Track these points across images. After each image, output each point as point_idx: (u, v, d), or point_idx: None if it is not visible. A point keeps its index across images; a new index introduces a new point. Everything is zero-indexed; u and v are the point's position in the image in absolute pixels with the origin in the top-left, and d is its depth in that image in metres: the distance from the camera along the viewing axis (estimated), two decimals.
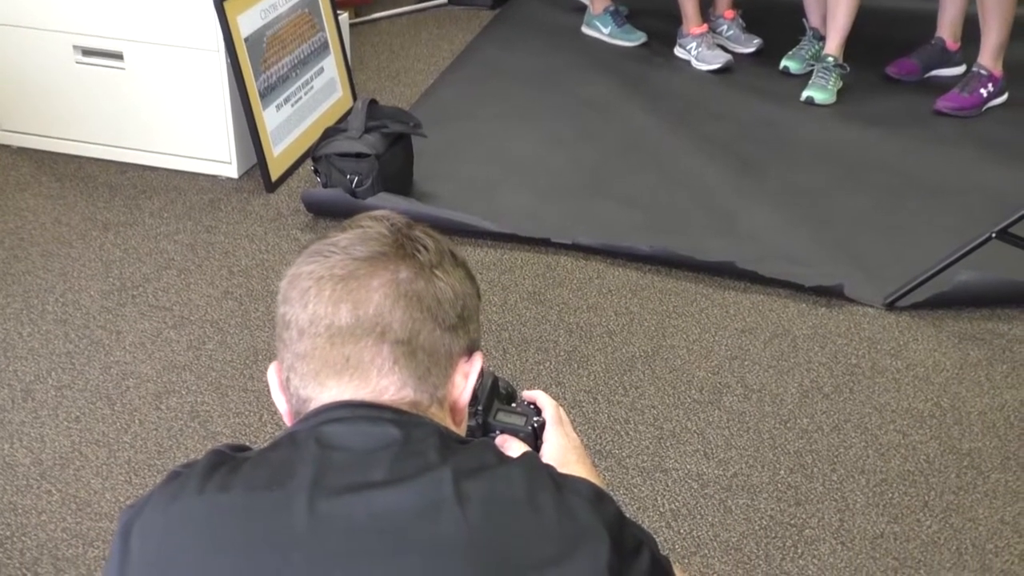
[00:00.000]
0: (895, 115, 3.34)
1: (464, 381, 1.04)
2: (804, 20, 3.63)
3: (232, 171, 2.96)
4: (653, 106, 3.40)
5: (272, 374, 1.05)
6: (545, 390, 1.28)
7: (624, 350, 2.37)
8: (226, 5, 2.75)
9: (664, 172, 3.04)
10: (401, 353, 0.98)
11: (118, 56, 2.91)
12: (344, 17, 3.39)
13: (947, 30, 3.50)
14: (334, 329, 0.98)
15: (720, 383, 2.28)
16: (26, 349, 2.32)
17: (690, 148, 3.15)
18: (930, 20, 3.53)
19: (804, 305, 2.51)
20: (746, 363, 2.34)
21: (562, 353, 2.35)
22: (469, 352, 1.05)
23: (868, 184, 2.99)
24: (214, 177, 2.96)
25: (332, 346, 0.98)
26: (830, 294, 2.52)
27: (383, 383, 0.98)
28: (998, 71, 3.31)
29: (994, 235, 2.35)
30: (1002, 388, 2.28)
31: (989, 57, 3.29)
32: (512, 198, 2.90)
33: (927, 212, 2.86)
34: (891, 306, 2.49)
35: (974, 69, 3.34)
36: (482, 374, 1.11)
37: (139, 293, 2.51)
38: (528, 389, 1.29)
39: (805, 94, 3.41)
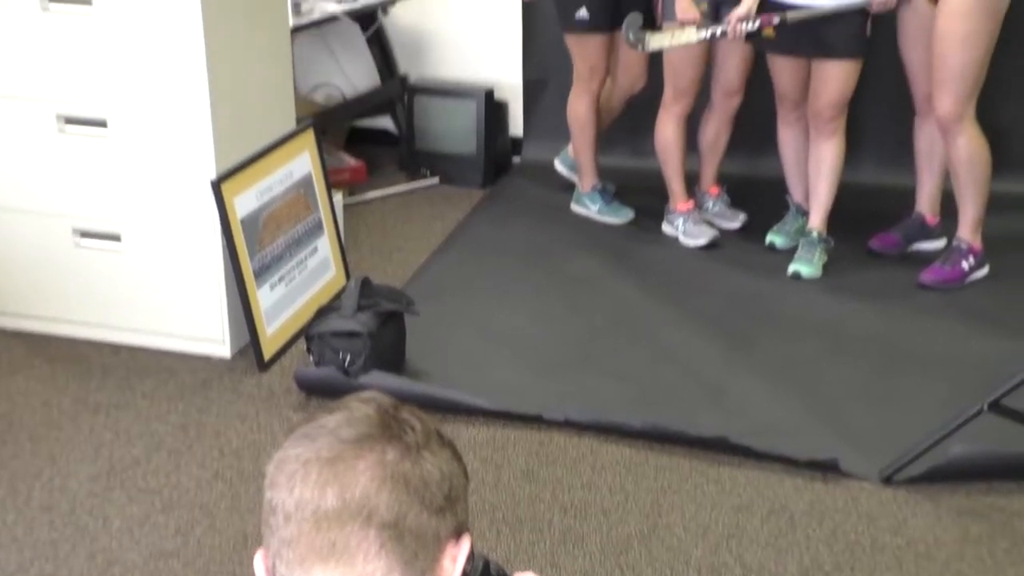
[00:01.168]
0: (880, 288, 3.40)
1: (452, 565, 1.03)
2: (787, 196, 3.73)
3: (225, 350, 2.98)
4: (642, 281, 3.46)
5: (258, 563, 1.05)
6: (539, 573, 1.26)
7: (620, 529, 2.33)
8: (223, 187, 2.82)
9: (654, 346, 3.06)
10: (388, 537, 0.98)
11: (115, 238, 2.96)
12: (338, 197, 3.48)
13: (926, 205, 3.59)
14: (320, 513, 0.98)
15: (718, 563, 2.24)
16: (9, 538, 2.28)
17: (679, 322, 3.19)
18: (909, 195, 3.63)
19: (800, 480, 2.49)
20: (744, 541, 2.30)
21: (556, 533, 2.31)
22: (457, 534, 1.04)
23: (857, 356, 3.02)
24: (207, 357, 2.97)
25: (318, 531, 0.98)
26: (825, 468, 2.51)
27: (369, 568, 0.97)
28: (977, 244, 3.39)
29: (986, 408, 2.36)
30: (1004, 564, 2.25)
31: (968, 231, 3.37)
32: (504, 374, 2.91)
33: (917, 384, 2.87)
34: (888, 480, 2.48)
35: (954, 243, 3.41)
36: (472, 557, 1.10)
37: (128, 476, 2.48)
38: (521, 572, 1.27)
39: (792, 268, 3.47)
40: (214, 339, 2.97)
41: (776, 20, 3.35)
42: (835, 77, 3.38)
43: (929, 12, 3.22)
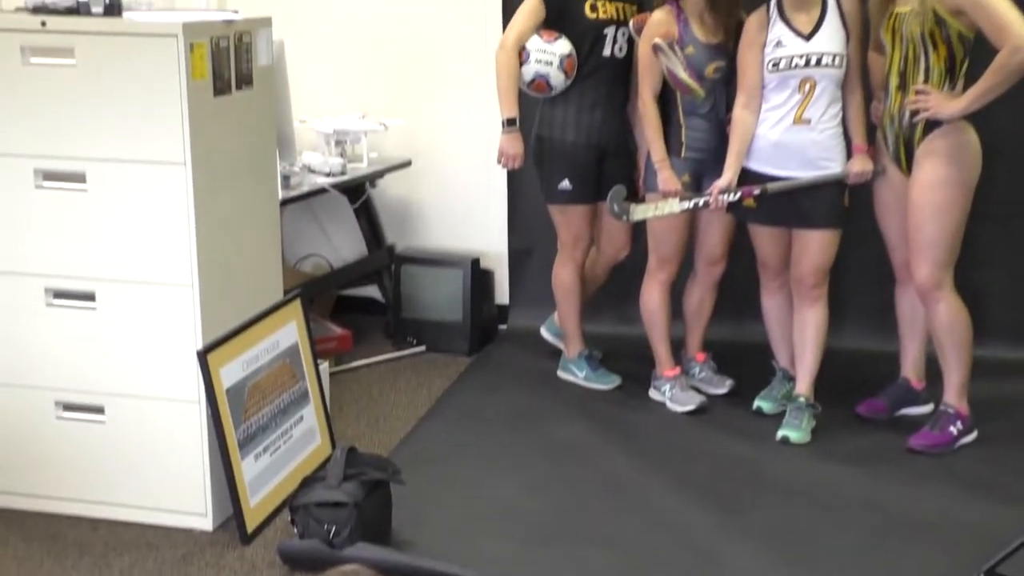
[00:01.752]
0: (870, 453, 3.39)
1: None
2: (773, 361, 3.75)
3: (207, 523, 2.92)
4: (630, 448, 3.44)
5: None
6: None
7: None
8: (209, 357, 2.82)
9: (644, 514, 3.02)
10: None
11: (99, 410, 2.95)
12: (324, 366, 3.48)
13: (911, 370, 3.62)
14: None
15: None
16: None
17: (669, 489, 3.16)
18: (894, 360, 3.66)
19: None
20: None
21: None
22: None
23: (850, 521, 2.98)
24: (188, 530, 2.91)
25: None
26: None
27: None
28: (964, 409, 3.40)
29: (983, 575, 2.33)
30: None
31: (954, 395, 3.39)
32: (492, 544, 2.86)
33: (910, 549, 2.83)
34: None
35: (941, 408, 3.43)
36: None
37: None
38: None
39: (780, 434, 3.47)
40: (196, 512, 2.92)
41: (756, 191, 3.45)
42: (815, 246, 3.46)
43: (902, 184, 3.33)
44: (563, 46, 3.64)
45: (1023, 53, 3.01)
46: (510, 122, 3.69)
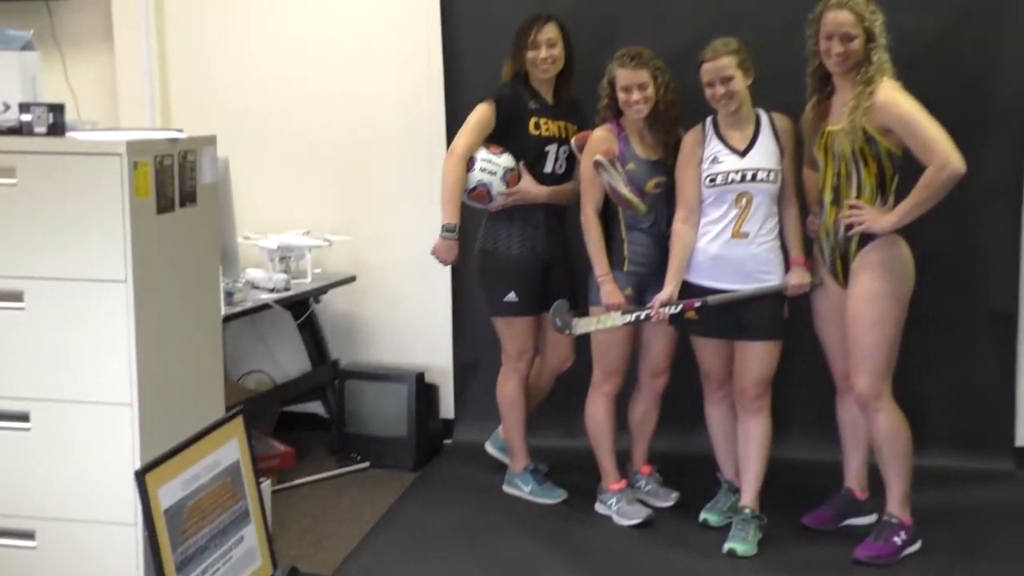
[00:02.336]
0: (816, 564, 3.37)
1: None
2: (718, 473, 3.76)
3: None
4: (577, 563, 3.40)
5: None
6: None
7: None
8: (148, 477, 2.76)
9: None
10: None
11: (29, 535, 2.86)
12: (266, 484, 3.42)
13: (854, 480, 3.65)
14: None
15: None
16: None
17: None
18: (837, 470, 3.68)
19: None
20: None
21: None
22: None
23: None
24: None
25: None
26: None
27: None
28: (907, 519, 3.41)
29: None
30: None
31: (896, 506, 3.41)
32: None
33: None
34: None
35: (884, 518, 3.44)
36: None
37: None
38: None
39: (726, 546, 3.45)
40: None
41: (697, 304, 3.50)
42: (757, 357, 3.51)
43: (840, 296, 3.40)
44: (508, 160, 3.72)
45: (949, 169, 3.13)
46: (449, 228, 3.73)
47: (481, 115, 3.74)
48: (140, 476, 2.75)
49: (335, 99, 4.54)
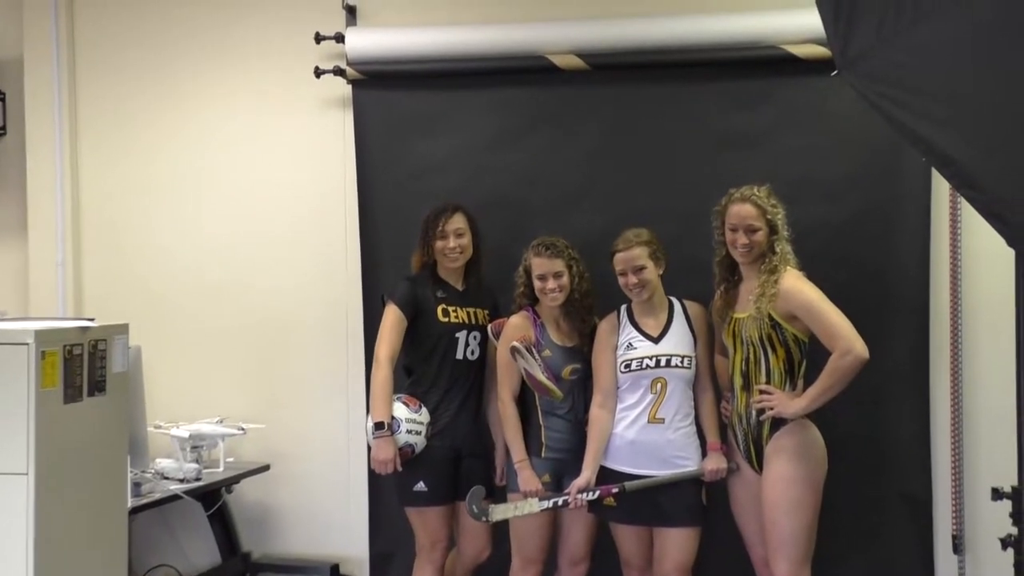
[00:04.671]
0: None
1: None
2: None
3: None
4: None
5: None
6: None
7: None
8: None
9: None
10: None
11: None
12: None
13: None
14: None
15: None
16: None
17: None
18: None
19: None
20: None
21: None
22: None
23: None
24: None
25: None
26: None
27: None
28: None
29: None
30: None
31: None
32: None
33: None
34: None
35: None
36: None
37: None
38: None
39: None
40: None
41: (615, 490, 3.50)
42: (676, 544, 3.49)
43: (755, 481, 3.43)
44: (427, 414, 3.74)
45: (852, 355, 3.22)
46: (380, 426, 3.66)
47: (393, 318, 3.76)
48: None
49: (251, 290, 4.57)
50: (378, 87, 4.33)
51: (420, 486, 3.73)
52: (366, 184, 4.35)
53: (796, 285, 3.33)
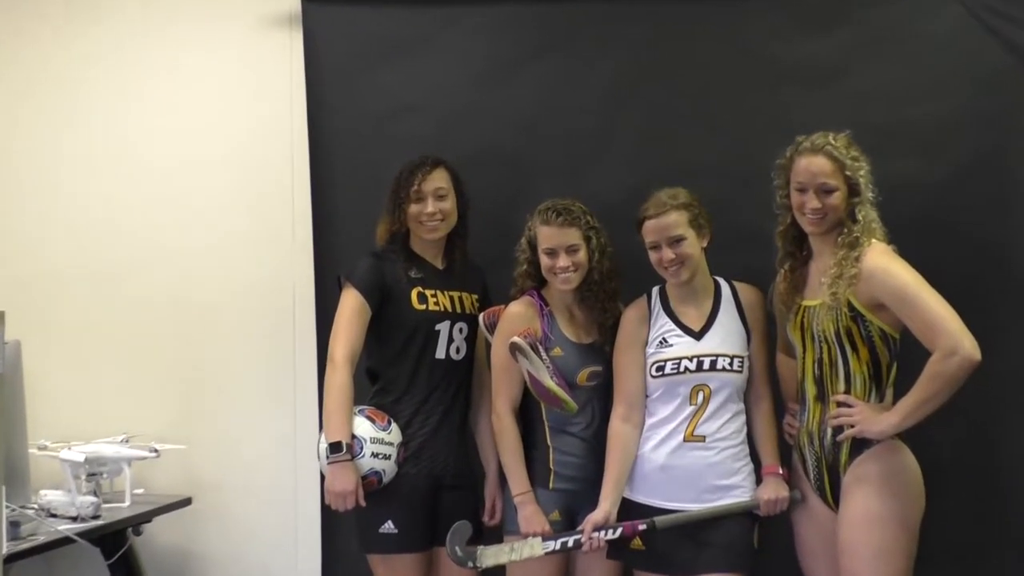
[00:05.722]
0: None
1: None
2: None
3: None
4: None
5: None
6: None
7: None
8: None
9: None
10: None
11: None
12: None
13: None
14: None
15: None
16: None
17: None
18: None
19: None
20: None
21: None
22: None
23: None
24: None
25: None
26: None
27: None
28: None
29: None
30: None
31: None
32: None
33: None
34: None
35: None
36: None
37: None
38: None
39: None
40: None
41: (642, 527, 3.48)
42: None
43: (829, 519, 3.39)
44: (397, 432, 3.69)
45: (958, 356, 3.15)
46: (336, 447, 3.61)
47: (354, 305, 3.73)
48: None
49: (167, 268, 4.58)
50: (336, 0, 4.32)
51: (388, 526, 3.70)
52: (319, 130, 4.34)
53: (884, 263, 3.28)
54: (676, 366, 3.49)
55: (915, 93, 4.03)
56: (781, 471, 3.52)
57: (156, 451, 4.26)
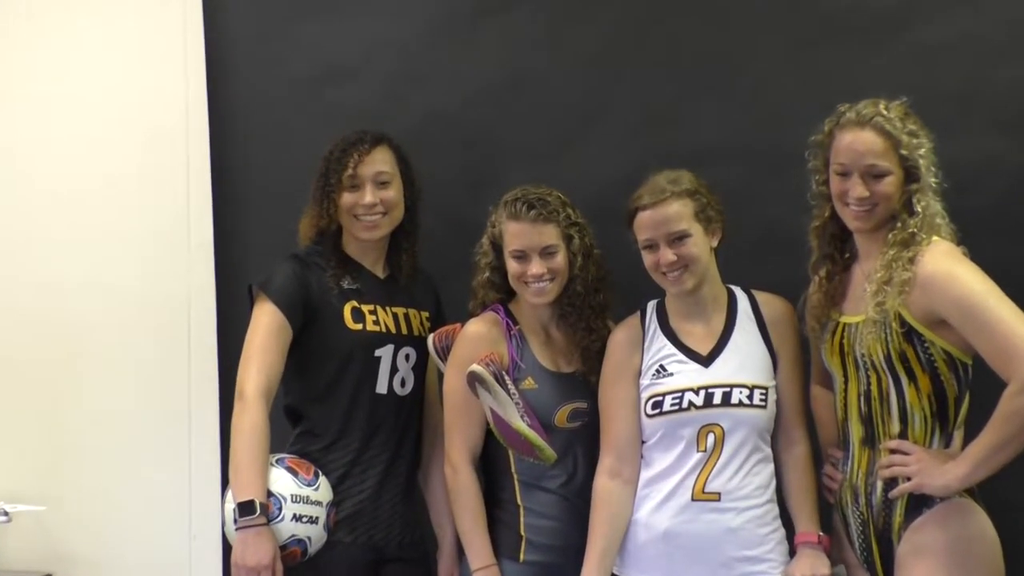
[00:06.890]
0: None
1: None
2: None
3: None
4: None
5: None
6: None
7: None
8: None
9: None
10: None
11: None
12: None
13: None
14: None
15: None
16: None
17: None
18: None
19: None
20: None
21: None
22: None
23: None
24: None
25: None
26: None
27: None
28: None
29: None
30: None
31: None
32: None
33: None
34: None
35: None
36: None
37: None
38: None
39: None
40: None
41: None
42: None
43: None
44: (326, 489, 3.69)
45: None
46: (247, 508, 3.56)
47: (268, 325, 3.72)
48: None
49: (25, 284, 4.63)
50: None
51: None
52: (223, 99, 4.38)
53: (946, 267, 3.26)
54: (678, 401, 3.49)
55: (988, 52, 4.04)
56: (820, 538, 3.52)
57: (7, 514, 4.28)
